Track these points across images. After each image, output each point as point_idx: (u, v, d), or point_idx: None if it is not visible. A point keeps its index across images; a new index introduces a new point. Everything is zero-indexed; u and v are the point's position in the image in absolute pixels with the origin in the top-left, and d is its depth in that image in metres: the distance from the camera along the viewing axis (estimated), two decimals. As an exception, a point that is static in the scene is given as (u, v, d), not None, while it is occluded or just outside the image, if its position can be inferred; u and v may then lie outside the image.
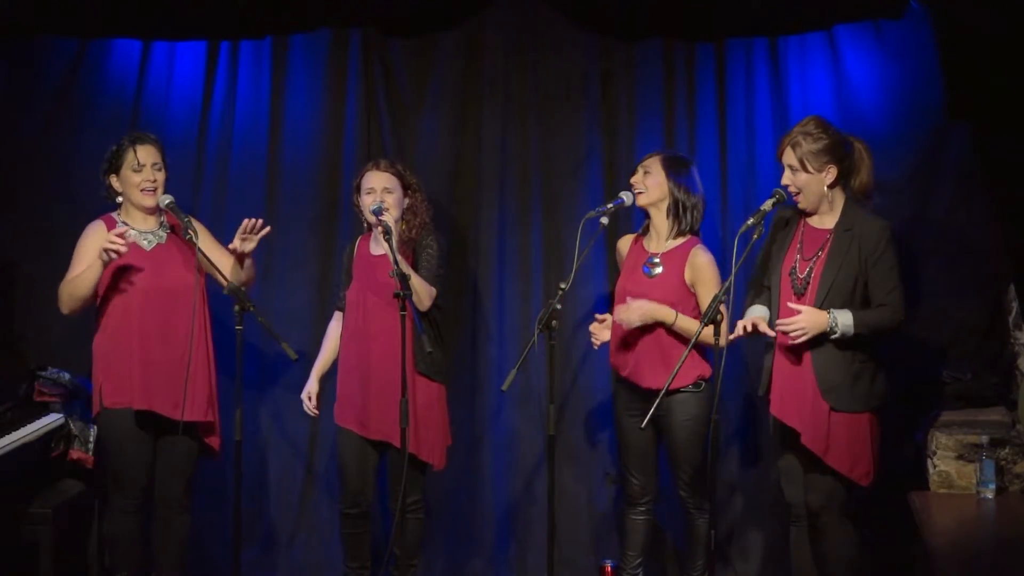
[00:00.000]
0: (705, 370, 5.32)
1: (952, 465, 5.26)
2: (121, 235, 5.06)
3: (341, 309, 5.56)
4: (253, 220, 5.22)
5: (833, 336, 4.89)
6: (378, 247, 5.46)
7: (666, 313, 5.28)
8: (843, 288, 4.93)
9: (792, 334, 4.91)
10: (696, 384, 5.32)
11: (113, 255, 5.03)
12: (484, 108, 6.10)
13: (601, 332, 5.46)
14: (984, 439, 5.18)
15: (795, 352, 4.99)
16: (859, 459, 4.96)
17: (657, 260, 5.39)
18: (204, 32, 6.06)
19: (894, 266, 4.96)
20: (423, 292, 5.32)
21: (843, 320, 4.88)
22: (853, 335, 4.89)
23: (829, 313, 4.88)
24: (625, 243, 5.58)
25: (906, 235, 5.73)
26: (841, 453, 4.94)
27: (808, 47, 5.91)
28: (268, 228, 5.25)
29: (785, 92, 5.92)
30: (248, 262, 5.34)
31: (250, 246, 5.25)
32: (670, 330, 5.29)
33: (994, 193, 5.72)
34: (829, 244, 4.98)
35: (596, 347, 5.48)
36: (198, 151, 6.09)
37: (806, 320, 4.89)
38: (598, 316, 5.49)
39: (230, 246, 5.26)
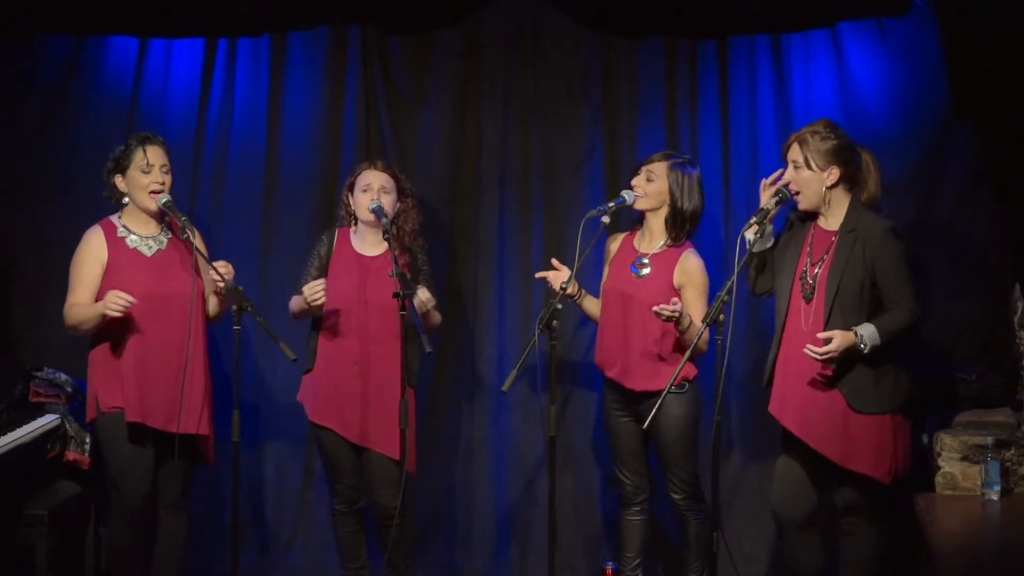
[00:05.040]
0: (689, 371, 5.29)
1: (957, 466, 5.22)
2: (124, 301, 5.03)
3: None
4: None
5: (863, 352, 4.82)
6: (367, 247, 5.43)
7: (684, 318, 5.23)
8: (849, 291, 4.88)
9: (824, 360, 4.83)
10: (679, 386, 5.28)
11: (115, 312, 5.03)
12: (484, 106, 6.08)
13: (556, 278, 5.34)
14: (989, 440, 5.14)
15: (805, 356, 4.91)
16: (883, 459, 4.92)
17: (646, 261, 5.38)
18: (201, 30, 6.03)
19: (902, 265, 4.90)
20: (438, 321, 5.53)
21: (868, 334, 4.82)
22: (881, 343, 4.83)
23: (855, 333, 4.82)
24: (615, 242, 5.56)
25: (910, 234, 5.71)
26: (865, 455, 4.90)
27: (811, 45, 5.89)
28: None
29: (788, 90, 5.90)
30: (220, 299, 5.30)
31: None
32: (656, 334, 5.25)
33: (999, 192, 5.70)
34: (834, 246, 4.94)
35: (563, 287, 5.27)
36: (195, 150, 6.06)
37: (839, 346, 4.80)
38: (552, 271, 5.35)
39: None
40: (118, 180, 5.24)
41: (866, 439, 4.89)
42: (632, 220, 5.55)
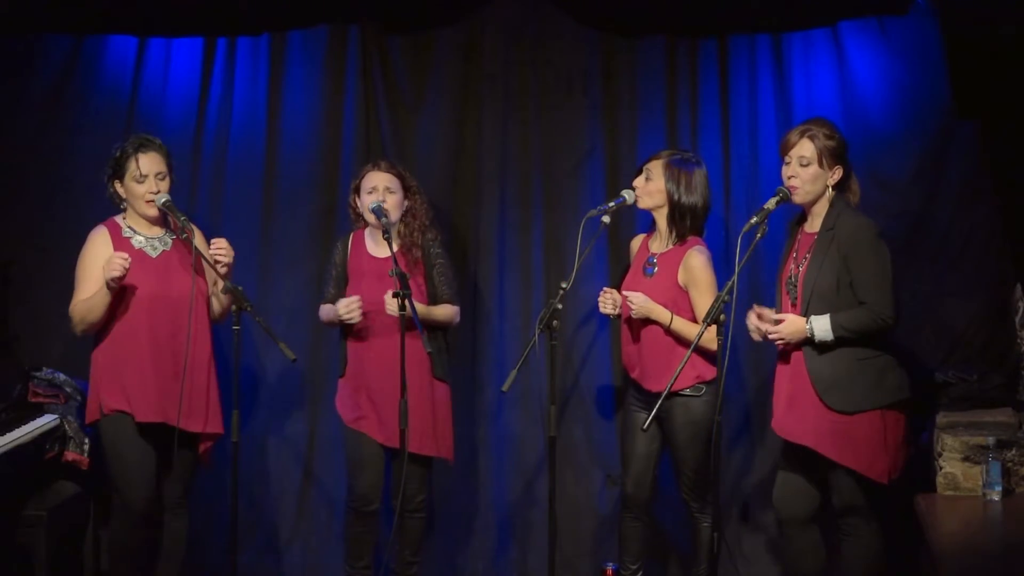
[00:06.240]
0: (705, 372, 5.26)
1: (958, 467, 5.22)
2: (122, 259, 4.99)
3: (331, 303, 5.49)
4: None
5: (813, 342, 4.86)
6: (380, 248, 5.43)
7: (660, 314, 5.24)
8: (825, 289, 4.89)
9: (775, 342, 4.94)
10: (695, 388, 5.26)
11: (115, 281, 4.99)
12: (484, 106, 6.06)
13: (610, 302, 5.39)
14: (990, 441, 5.14)
15: (790, 356, 4.97)
16: (876, 458, 4.90)
17: (655, 261, 5.37)
18: (201, 29, 6.02)
19: (877, 265, 4.88)
20: (453, 317, 5.50)
21: (819, 326, 4.84)
22: (836, 338, 4.84)
23: (807, 321, 4.84)
24: (636, 243, 5.58)
25: (910, 234, 5.73)
26: (856, 453, 4.89)
27: (812, 44, 5.87)
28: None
29: (789, 89, 5.89)
30: (224, 297, 5.27)
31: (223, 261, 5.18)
32: (670, 333, 5.25)
33: (1000, 192, 5.69)
34: (814, 246, 4.95)
35: (607, 313, 5.40)
36: (195, 149, 6.05)
37: (785, 329, 4.89)
38: (606, 289, 5.42)
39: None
40: (117, 186, 5.22)
41: (855, 437, 4.89)
42: (651, 221, 5.52)
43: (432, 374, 5.40)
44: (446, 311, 5.49)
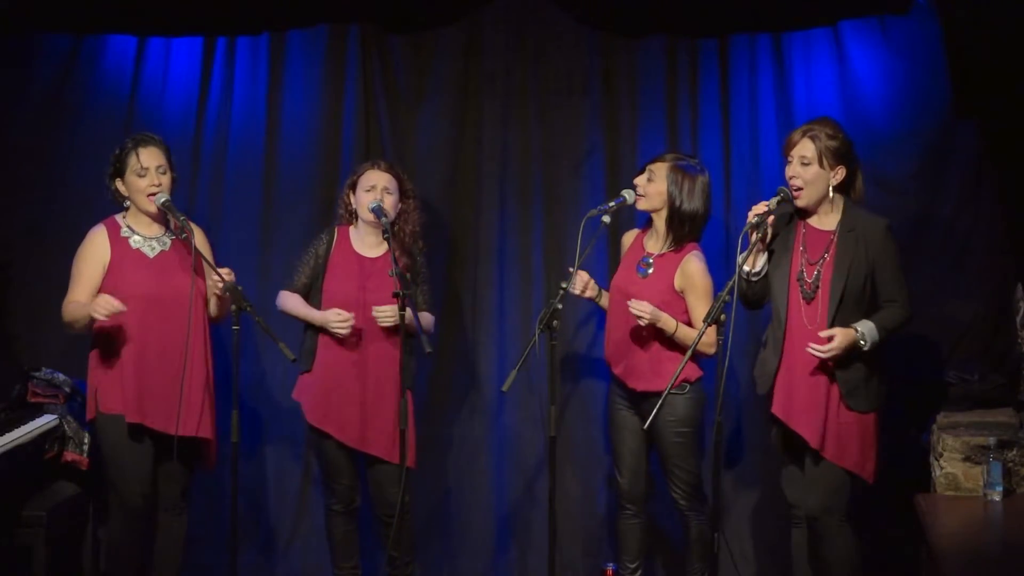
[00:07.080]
0: (690, 373, 5.27)
1: (959, 467, 5.21)
2: (114, 308, 5.00)
3: (297, 291, 5.47)
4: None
5: (864, 349, 4.86)
6: (367, 247, 5.42)
7: (667, 321, 5.23)
8: (855, 290, 4.91)
9: (827, 357, 4.88)
10: (680, 387, 5.26)
11: (101, 317, 5.01)
12: (484, 105, 6.06)
13: (579, 283, 5.34)
14: (991, 441, 5.14)
15: (801, 356, 4.94)
16: (867, 457, 4.96)
17: (651, 261, 5.36)
18: (200, 28, 6.01)
19: (897, 263, 4.96)
20: (431, 325, 5.48)
21: (868, 331, 4.87)
22: (879, 340, 4.88)
23: (856, 330, 4.85)
24: (629, 237, 5.55)
25: (911, 234, 5.72)
26: (852, 453, 4.93)
27: (813, 43, 5.87)
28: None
29: (790, 89, 5.88)
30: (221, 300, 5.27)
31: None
32: (664, 336, 5.24)
33: (1000, 192, 5.69)
34: (834, 246, 4.94)
35: (574, 294, 5.35)
36: (194, 149, 6.04)
37: (839, 344, 4.85)
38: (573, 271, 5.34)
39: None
40: (118, 184, 5.22)
41: (855, 438, 4.93)
42: (647, 218, 5.50)
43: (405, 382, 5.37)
44: (428, 319, 5.50)
